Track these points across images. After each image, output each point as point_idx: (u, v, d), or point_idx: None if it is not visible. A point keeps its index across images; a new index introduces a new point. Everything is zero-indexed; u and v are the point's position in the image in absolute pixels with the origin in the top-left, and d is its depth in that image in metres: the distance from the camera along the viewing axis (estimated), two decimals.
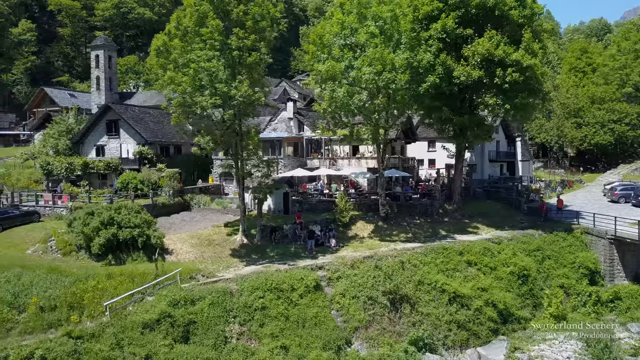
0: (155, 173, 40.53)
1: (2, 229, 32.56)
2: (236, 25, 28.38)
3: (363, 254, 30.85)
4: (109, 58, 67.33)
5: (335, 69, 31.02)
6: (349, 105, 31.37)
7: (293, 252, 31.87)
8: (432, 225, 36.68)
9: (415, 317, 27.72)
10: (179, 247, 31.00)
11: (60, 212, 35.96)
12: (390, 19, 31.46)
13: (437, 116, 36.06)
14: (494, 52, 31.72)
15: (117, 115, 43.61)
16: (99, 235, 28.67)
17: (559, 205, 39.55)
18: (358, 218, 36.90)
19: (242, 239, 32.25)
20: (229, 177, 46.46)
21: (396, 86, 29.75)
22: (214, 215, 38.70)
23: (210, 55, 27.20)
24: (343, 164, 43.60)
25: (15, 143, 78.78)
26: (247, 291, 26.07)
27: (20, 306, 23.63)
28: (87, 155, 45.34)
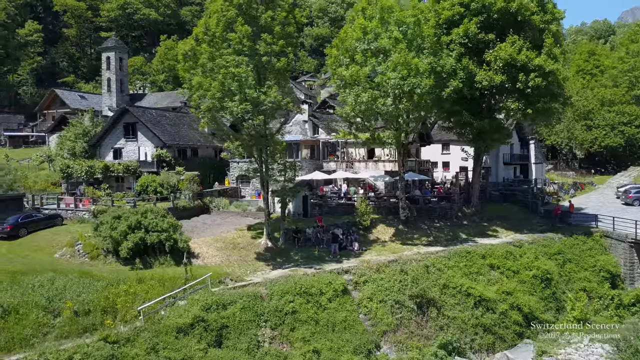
0: (175, 176, 40.70)
1: (27, 232, 32.70)
2: (264, 30, 28.57)
3: (387, 258, 31.09)
4: (119, 60, 67.46)
5: (359, 74, 31.25)
6: (373, 109, 31.60)
7: (317, 255, 32.07)
8: (452, 228, 36.92)
9: (442, 321, 27.96)
10: (204, 250, 31.18)
11: (82, 216, 36.14)
12: (413, 24, 31.67)
13: (457, 120, 36.30)
14: (516, 57, 31.96)
15: (135, 119, 43.76)
16: (127, 240, 28.83)
17: (571, 210, 39.71)
18: (378, 221, 37.13)
19: (266, 242, 32.46)
20: (246, 179, 46.70)
21: (421, 91, 29.95)
22: (234, 218, 38.88)
23: (239, 61, 27.38)
24: (360, 167, 43.82)
25: (25, 144, 78.89)
26: (277, 295, 26.29)
27: (54, 310, 23.79)
28: (104, 158, 45.49)
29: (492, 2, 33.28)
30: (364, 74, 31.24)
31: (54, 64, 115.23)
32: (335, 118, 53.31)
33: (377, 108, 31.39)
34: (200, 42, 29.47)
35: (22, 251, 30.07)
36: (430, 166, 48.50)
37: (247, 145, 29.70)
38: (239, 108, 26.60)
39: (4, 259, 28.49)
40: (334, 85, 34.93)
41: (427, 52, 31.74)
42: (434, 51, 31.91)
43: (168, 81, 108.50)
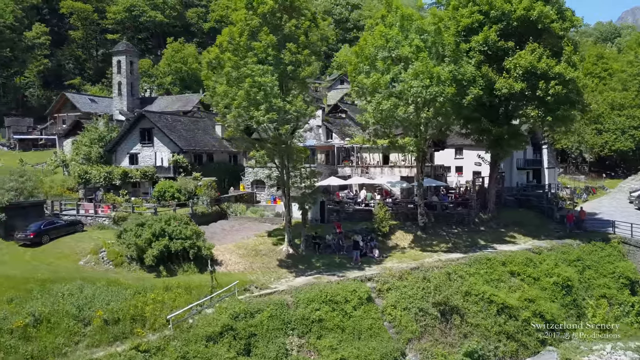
0: (192, 182, 40.87)
1: (49, 239, 32.88)
2: (288, 39, 28.74)
3: (409, 265, 31.26)
4: (130, 63, 67.67)
5: (380, 82, 31.43)
6: (394, 117, 31.80)
7: (338, 262, 32.23)
8: (470, 234, 37.08)
9: (465, 329, 28.11)
10: (227, 257, 31.35)
11: (102, 222, 36.31)
12: (434, 33, 31.83)
13: (475, 126, 36.45)
14: (536, 65, 32.12)
15: (151, 124, 43.95)
16: (152, 247, 29.02)
17: (582, 216, 39.73)
18: (396, 228, 37.28)
19: (287, 249, 32.64)
20: (261, 184, 46.89)
21: (443, 99, 30.12)
22: (252, 224, 39.06)
23: (264, 70, 27.55)
24: (375, 172, 43.99)
25: (34, 147, 79.11)
26: (303, 303, 26.46)
27: (85, 319, 23.98)
28: (119, 163, 45.68)
29: (511, 10, 33.45)
30: (385, 81, 31.42)
31: (59, 66, 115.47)
32: (347, 123, 53.55)
33: (397, 116, 31.60)
34: (224, 50, 29.63)
35: (46, 258, 30.26)
36: (443, 171, 48.64)
37: (271, 154, 29.87)
38: (265, 117, 26.76)
39: (29, 267, 28.71)
40: (353, 92, 35.09)
41: (448, 60, 31.89)
42: (454, 59, 32.05)
43: (175, 84, 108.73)
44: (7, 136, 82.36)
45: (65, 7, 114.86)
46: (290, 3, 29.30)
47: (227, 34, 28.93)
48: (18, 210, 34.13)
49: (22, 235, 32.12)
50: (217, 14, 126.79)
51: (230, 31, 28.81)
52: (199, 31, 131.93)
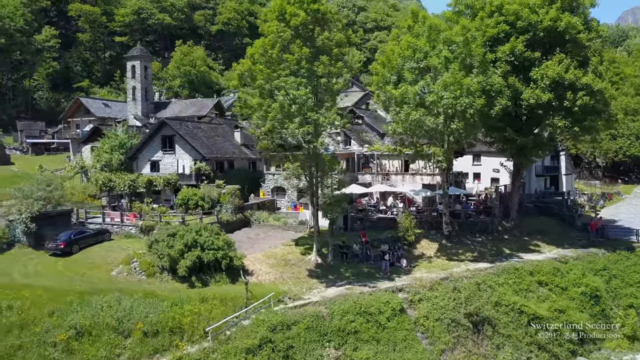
0: (215, 189, 41.02)
1: (79, 248, 33.03)
2: (320, 52, 28.90)
3: (438, 276, 31.46)
4: (144, 68, 67.81)
5: (409, 93, 31.60)
6: (422, 127, 31.99)
7: (367, 272, 32.40)
8: (494, 243, 37.25)
9: (497, 339, 28.32)
10: (258, 267, 31.51)
11: (129, 231, 36.45)
12: (462, 44, 31.98)
13: (499, 136, 36.60)
14: (564, 76, 32.27)
15: (173, 131, 44.10)
16: (184, 258, 29.17)
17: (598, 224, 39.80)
18: (421, 236, 37.47)
19: (316, 259, 32.81)
20: (281, 191, 47.07)
21: (473, 110, 30.29)
22: (276, 232, 39.24)
23: (298, 82, 27.73)
24: (397, 180, 44.15)
25: (47, 151, 79.25)
26: (338, 315, 26.65)
27: (124, 331, 24.18)
28: (140, 170, 45.83)
29: (538, 21, 33.62)
30: (413, 92, 31.60)
31: (67, 68, 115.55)
32: (364, 129, 53.71)
33: (425, 126, 31.80)
34: (255, 62, 29.79)
35: (79, 269, 30.42)
36: (462, 177, 48.77)
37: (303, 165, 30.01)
38: (300, 131, 26.92)
39: (64, 278, 28.88)
40: (379, 101, 35.22)
41: (476, 71, 32.05)
42: (482, 69, 32.22)
43: (184, 86, 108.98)
44: (19, 140, 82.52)
45: (74, 9, 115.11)
46: (322, 15, 29.46)
47: (259, 46, 29.08)
48: (47, 219, 34.29)
49: (53, 245, 32.27)
50: (225, 17, 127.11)
51: (263, 43, 28.93)
52: (206, 33, 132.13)
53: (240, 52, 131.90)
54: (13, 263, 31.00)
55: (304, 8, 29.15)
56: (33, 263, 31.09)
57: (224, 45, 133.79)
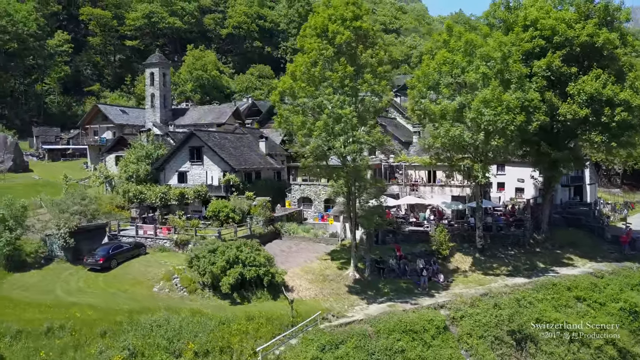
0: (246, 201, 41.07)
1: (117, 263, 33.07)
2: (362, 69, 28.94)
3: (477, 292, 31.53)
4: (163, 75, 67.86)
5: (448, 109, 31.66)
6: (460, 143, 32.07)
7: (405, 288, 32.47)
8: (527, 256, 37.30)
9: (540, 357, 28.44)
10: (297, 283, 31.56)
11: (163, 244, 36.47)
12: (500, 60, 32.02)
13: (534, 150, 36.62)
14: (602, 92, 32.31)
15: (201, 142, 44.13)
16: (227, 275, 29.24)
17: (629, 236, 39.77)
18: (454, 249, 37.49)
19: (354, 274, 32.86)
20: (307, 201, 47.15)
21: (514, 127, 30.35)
22: (308, 245, 39.31)
23: (342, 100, 27.78)
24: (425, 191, 44.20)
25: (63, 157, 79.38)
26: (384, 333, 26.73)
27: (175, 351, 24.26)
28: (168, 181, 45.85)
29: (575, 36, 33.64)
30: (452, 108, 31.65)
31: (78, 71, 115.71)
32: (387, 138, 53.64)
33: (464, 142, 31.87)
34: (296, 79, 29.84)
35: (120, 285, 30.49)
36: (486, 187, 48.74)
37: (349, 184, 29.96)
38: (346, 150, 26.97)
39: (107, 295, 28.96)
40: (414, 115, 35.25)
41: (514, 87, 32.10)
42: (520, 85, 32.27)
43: (195, 91, 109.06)
44: (35, 146, 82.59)
45: (85, 13, 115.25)
46: (364, 33, 29.49)
47: (301, 63, 29.06)
48: (83, 233, 34.37)
49: (92, 260, 32.34)
50: (235, 20, 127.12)
51: (305, 61, 28.95)
52: (216, 37, 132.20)
53: (250, 55, 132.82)
54: (54, 279, 31.08)
55: (346, 26, 29.20)
56: (74, 279, 31.17)
57: (234, 48, 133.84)
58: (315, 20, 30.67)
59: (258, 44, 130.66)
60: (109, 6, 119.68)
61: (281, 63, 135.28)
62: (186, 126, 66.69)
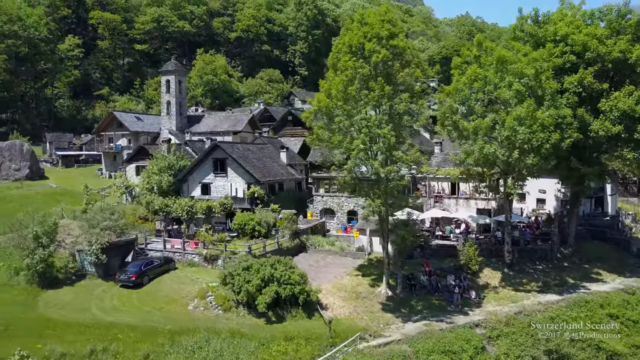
0: (271, 214, 41.06)
1: (148, 279, 33.09)
2: (401, 88, 28.89)
3: (511, 309, 31.51)
4: (179, 83, 67.81)
5: (481, 126, 31.59)
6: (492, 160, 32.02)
7: (438, 305, 32.43)
8: (556, 271, 37.21)
9: None
10: (331, 301, 31.52)
11: (192, 259, 36.46)
12: (533, 77, 31.94)
13: (563, 165, 36.49)
14: (635, 108, 32.24)
15: (225, 154, 44.13)
16: (262, 294, 29.21)
17: None
18: (482, 264, 37.36)
19: (386, 291, 32.81)
20: (330, 213, 47.09)
21: (549, 145, 30.30)
22: (334, 259, 39.28)
23: (379, 119, 27.73)
24: (449, 204, 44.13)
25: (77, 164, 79.36)
26: (423, 354, 26.74)
27: None
28: (191, 193, 45.90)
29: (607, 52, 33.55)
30: (486, 125, 31.59)
31: (87, 75, 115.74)
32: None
33: (497, 158, 31.82)
34: (332, 97, 29.77)
35: (155, 303, 30.48)
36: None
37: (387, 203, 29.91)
38: (385, 169, 26.92)
39: (143, 313, 28.96)
40: (444, 131, 35.19)
41: (547, 104, 32.04)
42: (553, 102, 32.19)
43: (206, 95, 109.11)
44: (48, 152, 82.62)
45: (95, 17, 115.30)
46: (401, 51, 29.43)
47: (339, 82, 28.96)
48: (114, 249, 34.35)
49: (124, 277, 32.34)
50: (244, 24, 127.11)
51: (342, 80, 28.87)
52: (225, 40, 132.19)
53: (258, 59, 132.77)
54: (88, 296, 31.08)
55: (382, 44, 29.13)
56: (108, 296, 31.17)
57: (242, 51, 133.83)
58: (349, 37, 30.59)
59: (267, 47, 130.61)
60: (117, 10, 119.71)
61: (289, 66, 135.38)
62: (202, 134, 66.67)
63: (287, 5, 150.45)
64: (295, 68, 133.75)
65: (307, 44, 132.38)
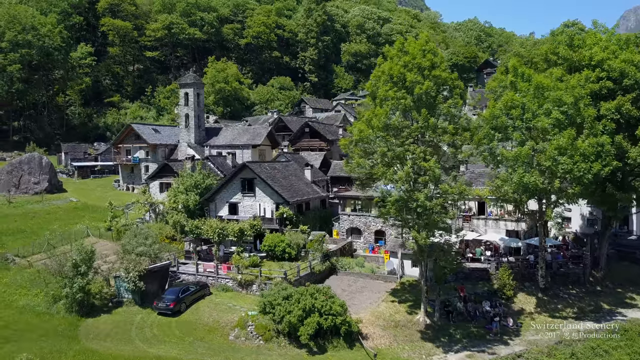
0: (301, 235, 41.03)
1: (185, 306, 33.06)
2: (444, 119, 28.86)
3: (550, 338, 31.41)
4: (197, 95, 67.80)
5: (521, 154, 31.51)
6: (532, 188, 31.94)
7: (476, 333, 32.36)
8: (590, 297, 37.10)
9: None
10: (370, 330, 31.48)
11: (226, 283, 36.42)
12: (572, 105, 31.86)
13: (599, 190, 36.40)
14: None
15: (254, 174, 44.09)
16: (304, 324, 29.19)
17: None
18: (516, 289, 37.25)
19: (425, 319, 32.75)
20: (357, 232, 47.03)
21: (591, 175, 30.23)
22: (366, 282, 39.20)
23: (424, 151, 27.67)
24: (478, 225, 44.03)
25: (92, 174, 79.43)
26: None
27: None
28: (218, 212, 45.89)
29: None
30: (525, 153, 31.51)
31: (97, 82, 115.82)
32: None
33: (537, 187, 31.76)
34: (372, 127, 29.73)
35: (195, 332, 30.48)
36: None
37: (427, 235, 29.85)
38: (432, 203, 26.88)
39: (186, 345, 28.95)
40: (481, 157, 35.04)
41: (586, 132, 31.97)
42: (592, 131, 32.12)
43: (218, 103, 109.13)
44: (63, 162, 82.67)
45: (106, 24, 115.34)
46: (442, 81, 29.37)
47: (382, 114, 28.89)
48: (150, 275, 34.32)
49: (163, 305, 32.33)
50: (254, 30, 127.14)
51: (385, 111, 28.83)
52: (235, 47, 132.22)
53: (268, 65, 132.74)
54: (127, 325, 31.08)
55: (425, 75, 29.09)
56: (147, 325, 31.16)
57: (252, 58, 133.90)
58: (389, 66, 30.48)
59: (277, 54, 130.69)
60: (128, 16, 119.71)
61: (299, 73, 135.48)
62: (220, 147, 66.76)
63: (297, 11, 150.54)
64: (305, 74, 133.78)
65: (317, 51, 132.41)
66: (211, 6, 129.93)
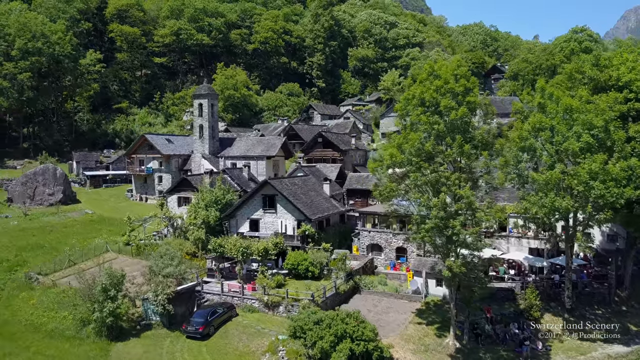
0: (324, 254, 40.94)
1: (214, 329, 32.95)
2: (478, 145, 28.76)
3: None
4: (211, 106, 67.73)
5: (552, 178, 31.42)
6: (563, 212, 31.87)
7: (506, 357, 32.27)
8: (617, 317, 36.97)
9: None
10: (401, 355, 31.41)
11: (252, 304, 36.29)
12: (603, 129, 31.76)
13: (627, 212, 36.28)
14: None
15: (275, 191, 44.01)
16: (336, 350, 29.08)
17: None
18: (542, 309, 37.17)
19: (454, 343, 32.67)
20: (377, 249, 46.92)
21: (623, 200, 30.14)
22: (391, 302, 39.08)
23: (458, 177, 27.58)
24: (500, 242, 43.88)
25: (105, 184, 79.31)
26: None
27: None
28: (239, 228, 45.81)
29: None
30: (556, 177, 31.41)
31: (105, 87, 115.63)
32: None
33: (567, 212, 31.67)
34: (403, 152, 29.63)
35: (227, 357, 30.38)
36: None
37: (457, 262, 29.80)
38: (469, 232, 26.80)
39: None
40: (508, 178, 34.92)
41: (617, 156, 31.87)
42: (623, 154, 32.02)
43: (227, 110, 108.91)
44: (75, 171, 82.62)
45: (115, 31, 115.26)
46: (476, 107, 29.28)
47: (415, 139, 28.80)
48: (178, 297, 34.20)
49: (192, 329, 32.18)
50: (262, 36, 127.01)
51: (419, 138, 28.74)
52: (242, 52, 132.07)
53: (276, 71, 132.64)
54: (158, 350, 30.95)
55: (458, 100, 28.99)
56: (178, 350, 31.03)
57: (259, 63, 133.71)
58: (421, 90, 30.40)
59: (284, 59, 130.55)
60: (136, 22, 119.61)
61: (307, 78, 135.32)
62: (235, 157, 66.74)
63: (304, 16, 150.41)
64: (313, 80, 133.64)
65: (324, 56, 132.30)
66: (219, 12, 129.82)
